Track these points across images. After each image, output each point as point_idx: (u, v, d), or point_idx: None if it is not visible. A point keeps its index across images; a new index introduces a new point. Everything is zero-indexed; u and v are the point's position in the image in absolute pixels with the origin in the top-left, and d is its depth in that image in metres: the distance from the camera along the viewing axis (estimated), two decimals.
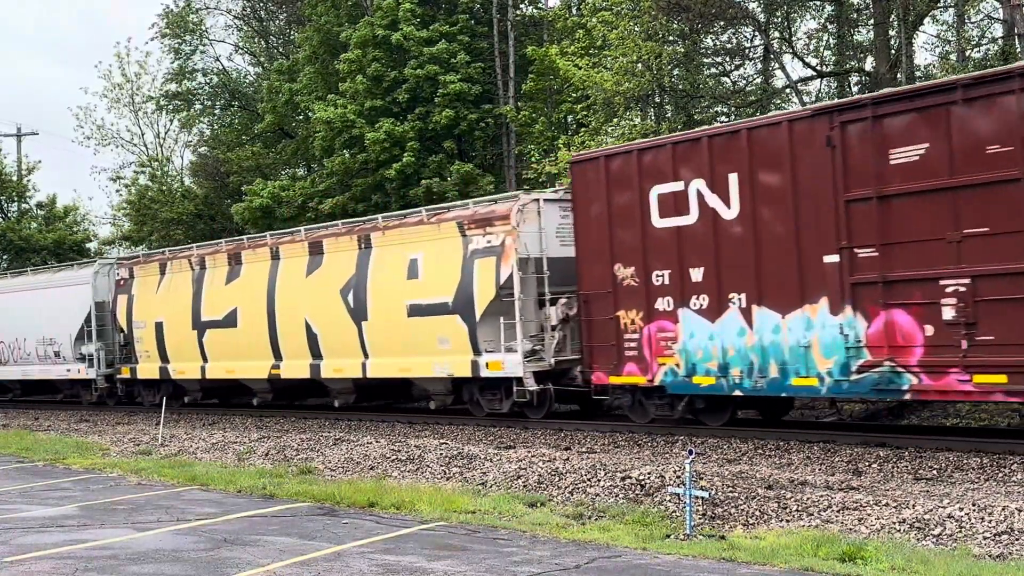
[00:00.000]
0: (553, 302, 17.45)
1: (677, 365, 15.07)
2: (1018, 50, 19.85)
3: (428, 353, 18.33)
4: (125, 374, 25.46)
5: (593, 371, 16.18)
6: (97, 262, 27.52)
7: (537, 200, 17.63)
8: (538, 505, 11.30)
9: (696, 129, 16.22)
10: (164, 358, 24.10)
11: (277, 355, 21.27)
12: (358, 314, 19.46)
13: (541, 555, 9.04)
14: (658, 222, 15.21)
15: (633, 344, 15.58)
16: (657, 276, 15.26)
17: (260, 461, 15.98)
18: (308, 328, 20.44)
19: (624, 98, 22.33)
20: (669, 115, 23.73)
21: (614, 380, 15.95)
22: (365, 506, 11.72)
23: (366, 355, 19.54)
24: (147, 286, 24.78)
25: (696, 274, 14.81)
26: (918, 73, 21.85)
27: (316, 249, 20.59)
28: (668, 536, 9.58)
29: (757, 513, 10.19)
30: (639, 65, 22.12)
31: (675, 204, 14.98)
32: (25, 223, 45.67)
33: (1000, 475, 11.59)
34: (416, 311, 18.46)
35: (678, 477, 11.12)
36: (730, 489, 10.79)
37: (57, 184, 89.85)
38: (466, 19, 28.81)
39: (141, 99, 44.12)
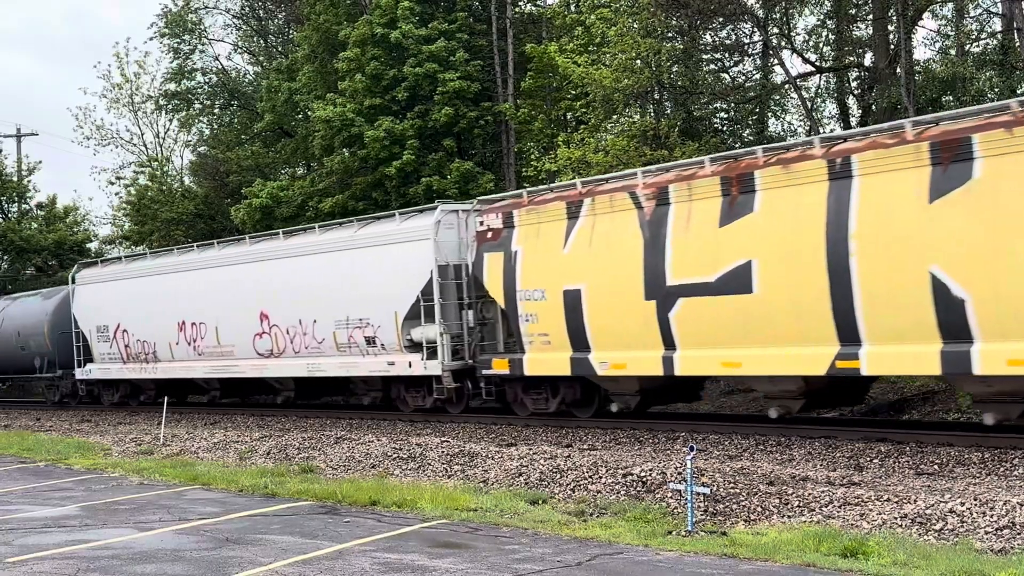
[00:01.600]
0: None
1: None
2: (1017, 44, 19.83)
3: None
4: (498, 369, 17.57)
5: None
6: (439, 208, 19.28)
7: None
8: (540, 502, 11.31)
9: None
10: (580, 344, 16.45)
11: (848, 337, 13.35)
12: None
13: (543, 552, 9.05)
14: None
15: None
16: None
17: (262, 460, 16.00)
18: (938, 287, 12.37)
19: (623, 95, 22.33)
20: (668, 111, 23.73)
21: None
22: (367, 504, 11.73)
23: None
24: (544, 238, 17.01)
25: None
26: (917, 68, 21.84)
27: (947, 152, 12.25)
28: (670, 533, 9.58)
29: (759, 509, 10.19)
30: (638, 62, 22.13)
31: None
32: (25, 223, 45.69)
33: (1002, 469, 11.60)
34: None
35: (679, 474, 11.12)
36: (731, 485, 10.79)
37: (57, 184, 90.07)
38: (464, 17, 28.80)
39: (140, 99, 44.27)
